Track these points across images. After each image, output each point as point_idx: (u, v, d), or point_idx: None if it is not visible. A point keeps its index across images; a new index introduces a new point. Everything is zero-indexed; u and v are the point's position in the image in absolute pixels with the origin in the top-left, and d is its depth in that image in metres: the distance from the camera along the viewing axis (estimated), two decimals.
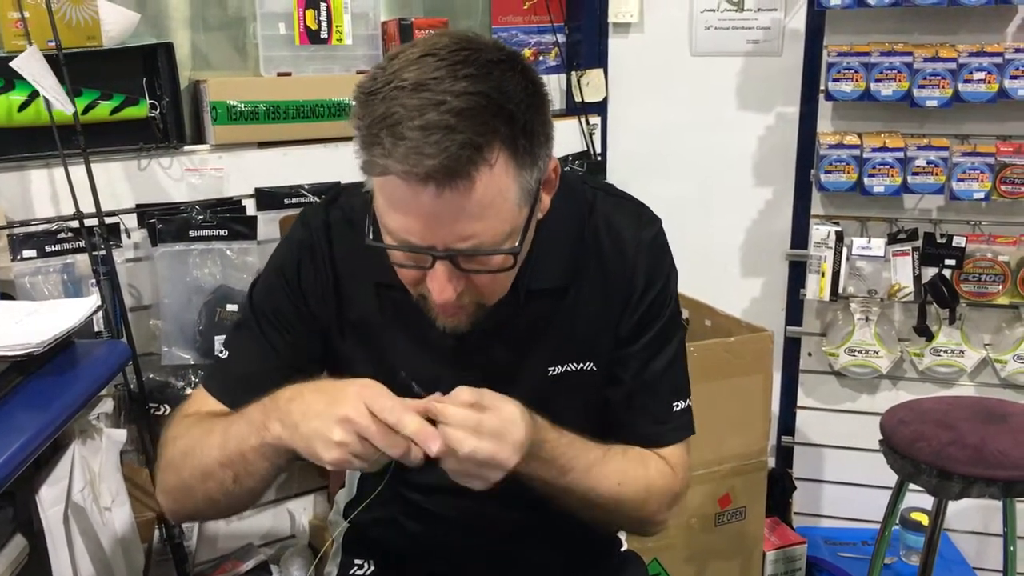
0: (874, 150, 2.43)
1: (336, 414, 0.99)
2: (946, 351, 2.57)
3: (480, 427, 0.99)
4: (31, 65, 1.77)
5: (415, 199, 0.94)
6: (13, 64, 1.77)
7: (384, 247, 1.02)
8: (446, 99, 0.92)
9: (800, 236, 2.65)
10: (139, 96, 2.06)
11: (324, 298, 1.21)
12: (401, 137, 0.92)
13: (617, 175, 2.73)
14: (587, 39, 2.70)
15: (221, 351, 1.26)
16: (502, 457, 1.00)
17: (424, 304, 1.07)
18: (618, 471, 1.18)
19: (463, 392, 1.02)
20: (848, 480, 2.79)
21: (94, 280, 1.95)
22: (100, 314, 1.91)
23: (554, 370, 1.20)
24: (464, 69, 0.94)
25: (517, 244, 1.01)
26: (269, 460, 1.08)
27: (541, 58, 2.70)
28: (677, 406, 1.25)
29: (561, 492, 1.14)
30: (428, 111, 0.91)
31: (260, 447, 1.06)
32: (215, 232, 2.10)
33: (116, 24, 1.99)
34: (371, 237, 1.03)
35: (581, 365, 1.22)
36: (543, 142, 1.01)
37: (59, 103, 1.81)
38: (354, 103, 0.98)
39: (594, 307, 1.20)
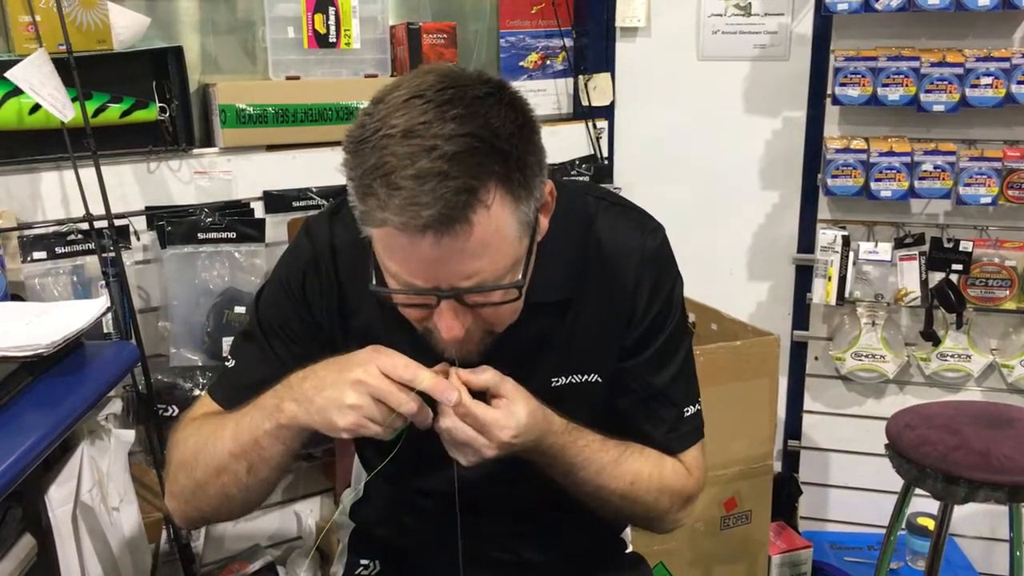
0: (881, 154, 2.43)
1: (348, 379, 1.02)
2: (953, 356, 2.57)
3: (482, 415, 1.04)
4: (29, 72, 1.78)
5: (414, 248, 0.95)
6: (8, 74, 1.78)
7: (390, 292, 1.03)
8: (437, 144, 0.92)
9: (807, 240, 2.65)
10: (149, 99, 2.08)
11: (329, 309, 1.22)
12: (396, 187, 0.92)
13: (624, 179, 2.74)
14: (594, 43, 2.70)
15: (227, 359, 1.27)
16: (483, 444, 1.04)
17: (430, 337, 1.08)
18: (632, 470, 1.19)
19: (486, 371, 1.06)
20: (854, 484, 2.78)
21: (103, 282, 1.96)
22: (109, 315, 1.93)
23: (558, 382, 1.21)
24: (451, 110, 0.93)
25: (520, 277, 1.02)
26: (284, 444, 1.09)
27: (548, 62, 2.70)
28: (688, 411, 1.26)
29: (574, 484, 1.17)
30: (420, 158, 0.91)
31: (275, 431, 1.08)
32: (223, 234, 2.11)
33: (126, 28, 2.00)
34: (375, 282, 1.05)
35: (585, 377, 1.22)
36: (537, 172, 1.01)
37: (56, 111, 1.81)
38: (344, 152, 0.98)
39: (598, 319, 1.20)
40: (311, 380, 1.06)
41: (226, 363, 1.27)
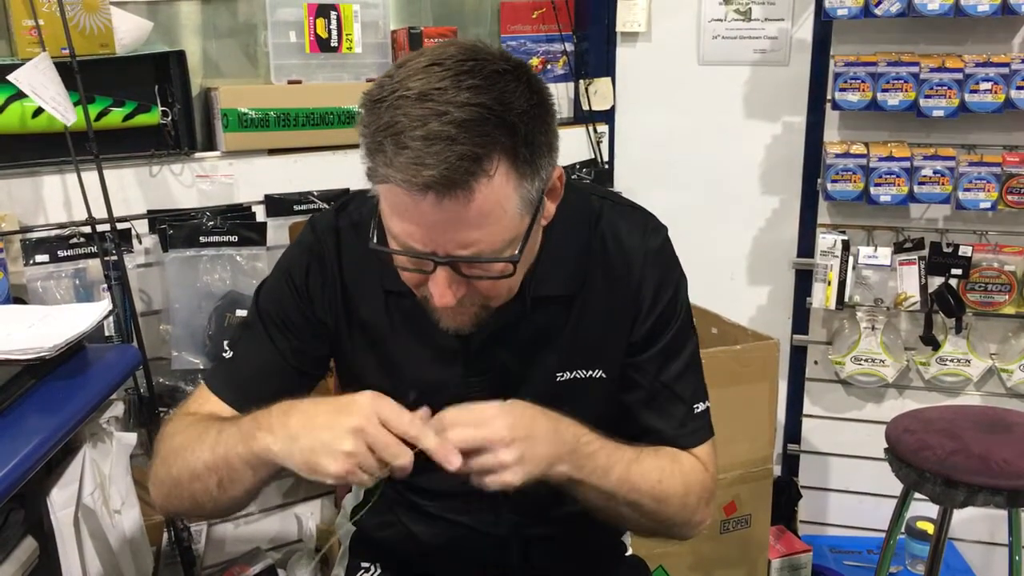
0: (880, 159, 2.43)
1: (347, 424, 0.99)
2: (952, 360, 2.57)
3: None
4: (32, 76, 1.79)
5: (416, 207, 0.96)
6: (10, 77, 1.79)
7: (387, 251, 1.04)
8: (448, 110, 0.93)
9: (806, 245, 2.66)
10: (151, 103, 2.08)
11: (331, 303, 1.23)
12: (403, 146, 0.93)
13: (624, 183, 2.74)
14: (595, 48, 2.71)
15: (226, 351, 1.27)
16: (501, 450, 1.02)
17: (427, 305, 1.08)
18: (656, 468, 1.18)
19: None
20: (854, 488, 2.79)
21: (105, 285, 1.97)
22: (111, 319, 1.93)
23: (562, 376, 1.21)
24: (468, 80, 0.95)
25: (517, 252, 1.02)
26: (254, 470, 1.08)
27: (549, 66, 2.71)
28: (697, 408, 1.26)
29: (609, 495, 1.14)
30: (430, 121, 0.93)
31: (246, 456, 1.07)
32: (225, 238, 2.12)
33: (129, 32, 2.01)
34: (375, 240, 1.05)
35: (590, 372, 1.23)
36: (546, 152, 1.02)
37: (59, 114, 1.82)
38: (361, 110, 1.00)
39: (602, 315, 1.21)
40: (297, 417, 1.04)
41: (224, 355, 1.27)
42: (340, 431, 0.99)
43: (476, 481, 1.03)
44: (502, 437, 1.02)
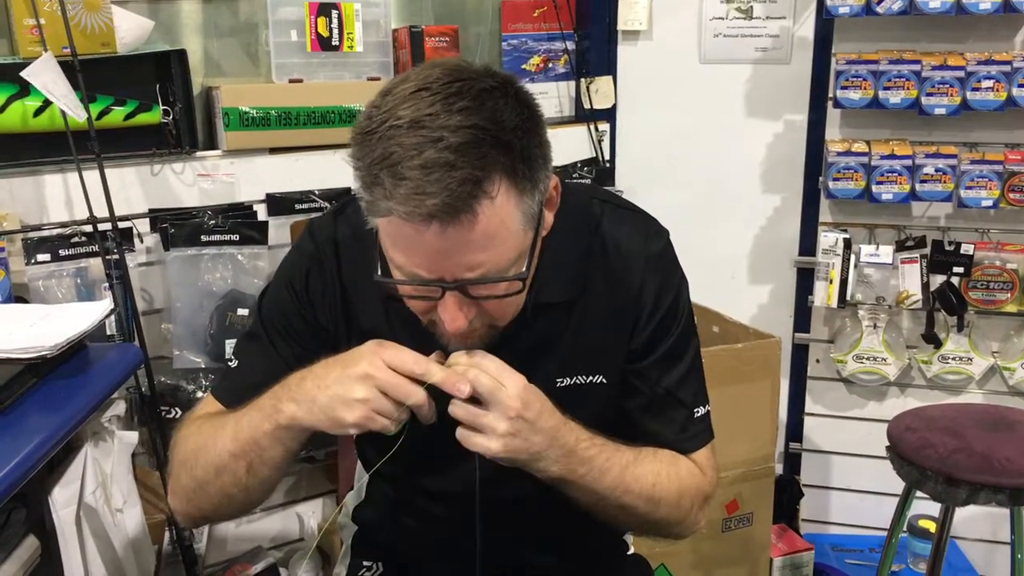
0: (882, 158, 2.43)
1: (354, 373, 1.03)
2: (954, 358, 2.57)
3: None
4: (42, 73, 1.79)
5: (420, 238, 0.95)
6: (24, 74, 1.79)
7: (393, 283, 1.04)
8: (443, 135, 0.93)
9: (808, 243, 2.65)
10: (152, 102, 2.08)
11: (332, 310, 1.23)
12: (401, 177, 0.93)
13: (625, 182, 2.74)
14: (596, 46, 2.71)
15: (231, 359, 1.28)
16: (505, 395, 1.05)
17: (435, 329, 1.08)
18: (652, 471, 1.19)
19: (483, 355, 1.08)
20: (856, 487, 2.79)
21: (107, 284, 1.96)
22: (113, 318, 1.93)
23: (563, 382, 1.21)
24: (458, 102, 0.94)
25: (524, 269, 1.03)
26: (283, 444, 1.11)
27: (550, 65, 2.71)
28: (698, 412, 1.26)
29: (600, 497, 1.15)
30: (426, 149, 0.92)
31: (274, 431, 1.09)
32: (226, 237, 2.12)
33: (130, 31, 2.01)
34: (379, 273, 1.06)
35: (590, 378, 1.23)
36: (541, 164, 1.02)
37: (71, 110, 1.83)
38: (351, 143, 0.99)
39: (602, 321, 1.21)
40: (311, 380, 1.07)
41: (229, 363, 1.28)
42: (349, 382, 1.03)
43: (459, 434, 1.06)
44: (510, 405, 1.04)
